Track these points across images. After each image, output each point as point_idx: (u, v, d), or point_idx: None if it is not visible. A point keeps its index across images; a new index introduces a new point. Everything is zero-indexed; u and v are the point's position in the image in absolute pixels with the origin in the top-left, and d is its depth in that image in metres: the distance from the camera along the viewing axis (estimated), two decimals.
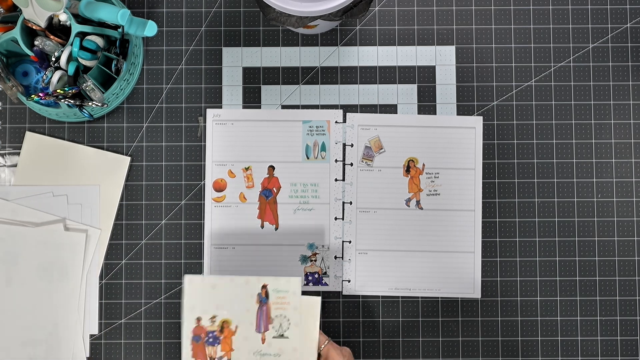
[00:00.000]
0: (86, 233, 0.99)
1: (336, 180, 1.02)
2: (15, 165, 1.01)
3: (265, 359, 0.92)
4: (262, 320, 0.92)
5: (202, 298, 0.92)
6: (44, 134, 1.02)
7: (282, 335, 0.92)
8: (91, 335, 1.00)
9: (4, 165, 1.01)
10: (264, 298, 0.91)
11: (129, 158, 1.01)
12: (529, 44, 1.03)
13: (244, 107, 1.03)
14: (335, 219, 1.01)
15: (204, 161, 1.02)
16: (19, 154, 1.01)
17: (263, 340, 0.92)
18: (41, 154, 1.01)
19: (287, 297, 0.92)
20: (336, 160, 1.02)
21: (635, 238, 1.01)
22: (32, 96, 0.94)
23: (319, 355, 0.91)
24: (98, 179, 1.01)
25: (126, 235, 1.01)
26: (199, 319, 0.92)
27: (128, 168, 1.01)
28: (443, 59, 1.03)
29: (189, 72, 1.03)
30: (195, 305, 0.92)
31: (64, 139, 1.02)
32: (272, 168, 1.02)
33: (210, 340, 0.92)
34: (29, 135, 1.01)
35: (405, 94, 1.03)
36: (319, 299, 0.91)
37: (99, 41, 0.95)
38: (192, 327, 0.92)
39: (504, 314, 1.01)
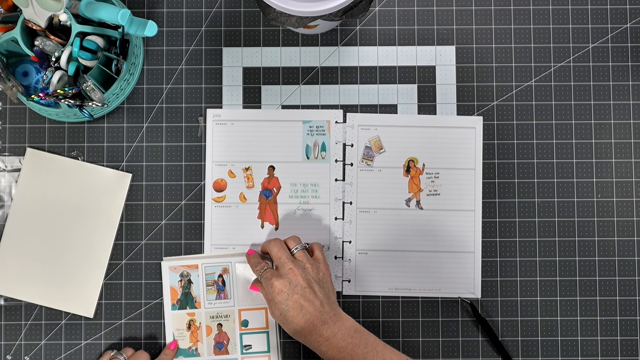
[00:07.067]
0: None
1: (336, 180, 1.02)
2: (16, 170, 1.01)
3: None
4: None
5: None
6: (44, 133, 1.02)
7: None
8: (91, 335, 1.00)
9: (4, 170, 1.01)
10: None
11: (130, 175, 1.01)
12: (529, 44, 1.03)
13: (244, 107, 1.03)
14: (335, 219, 1.01)
15: (204, 161, 1.02)
16: (19, 160, 1.01)
17: None
18: (42, 171, 1.00)
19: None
20: (336, 160, 1.02)
21: (635, 238, 1.01)
22: (32, 96, 0.94)
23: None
24: (98, 197, 1.01)
25: (126, 235, 1.01)
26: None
27: (129, 187, 1.01)
28: (443, 59, 1.03)
29: (189, 72, 1.03)
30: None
31: (63, 143, 1.02)
32: (272, 168, 1.02)
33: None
34: (29, 151, 1.01)
35: (405, 94, 1.03)
36: None
37: (99, 41, 0.95)
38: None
39: (504, 314, 1.01)
